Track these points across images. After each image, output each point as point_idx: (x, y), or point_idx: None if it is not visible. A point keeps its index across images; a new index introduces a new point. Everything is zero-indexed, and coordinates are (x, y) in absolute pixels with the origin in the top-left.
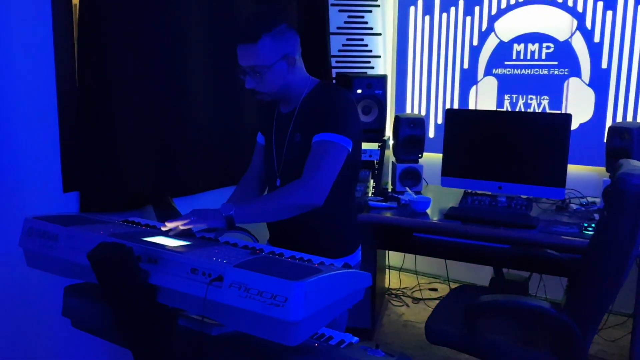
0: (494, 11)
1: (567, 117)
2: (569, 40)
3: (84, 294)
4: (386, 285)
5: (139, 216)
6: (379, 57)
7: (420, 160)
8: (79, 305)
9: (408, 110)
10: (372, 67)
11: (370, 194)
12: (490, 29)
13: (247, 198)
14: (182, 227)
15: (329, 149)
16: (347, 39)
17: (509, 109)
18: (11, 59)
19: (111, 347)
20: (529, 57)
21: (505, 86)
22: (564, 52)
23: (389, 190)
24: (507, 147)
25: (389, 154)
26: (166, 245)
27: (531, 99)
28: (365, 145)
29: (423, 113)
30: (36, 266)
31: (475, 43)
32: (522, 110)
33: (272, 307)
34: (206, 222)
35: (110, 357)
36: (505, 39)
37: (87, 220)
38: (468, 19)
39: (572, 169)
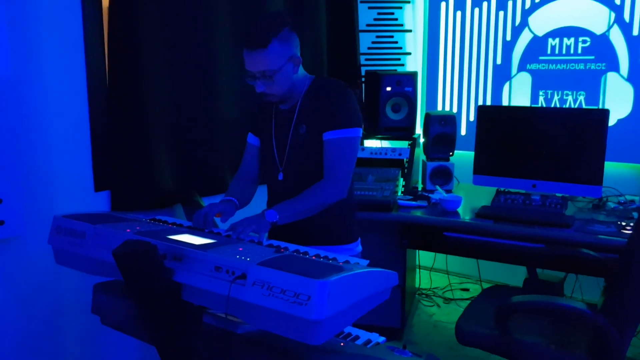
0: (527, 5)
1: (605, 113)
2: (606, 33)
3: (113, 291)
4: (417, 285)
5: (168, 215)
6: (409, 54)
7: (451, 158)
8: (108, 302)
9: (439, 108)
10: (402, 65)
11: (399, 193)
12: (524, 23)
13: (244, 201)
14: (241, 237)
15: (344, 144)
16: (377, 36)
17: (544, 106)
18: (42, 60)
19: (140, 344)
20: (564, 51)
21: (540, 82)
22: (601, 46)
23: (419, 189)
24: (541, 144)
25: (419, 152)
26: (191, 243)
27: (567, 94)
28: (394, 144)
29: (455, 110)
30: (65, 263)
31: (508, 38)
32: (558, 106)
33: (295, 305)
34: (260, 230)
35: (139, 355)
36: (540, 33)
37: (115, 218)
38: (501, 13)
39: (610, 166)
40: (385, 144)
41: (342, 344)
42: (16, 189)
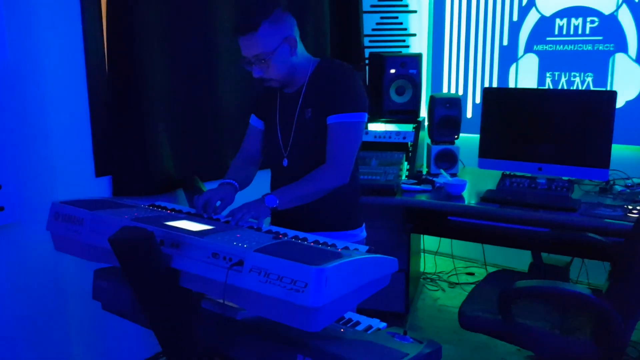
0: None
1: (612, 95)
2: (615, 13)
3: (113, 277)
4: (421, 269)
5: (169, 200)
6: (414, 35)
7: (456, 141)
8: (108, 288)
9: (445, 90)
10: (407, 46)
11: (403, 177)
12: (531, 3)
13: (244, 183)
14: (240, 223)
15: (348, 129)
16: (381, 17)
17: (551, 87)
18: (41, 46)
19: (142, 329)
20: (572, 32)
21: (547, 63)
22: (609, 27)
23: (424, 173)
24: (548, 126)
25: (424, 135)
26: (188, 230)
27: (574, 76)
28: (399, 127)
29: (460, 92)
30: (64, 250)
31: (515, 18)
32: (565, 88)
33: (292, 292)
34: (259, 216)
35: (141, 340)
36: (547, 13)
37: (114, 204)
38: None
39: (617, 149)
40: (389, 127)
41: (342, 329)
42: (16, 175)
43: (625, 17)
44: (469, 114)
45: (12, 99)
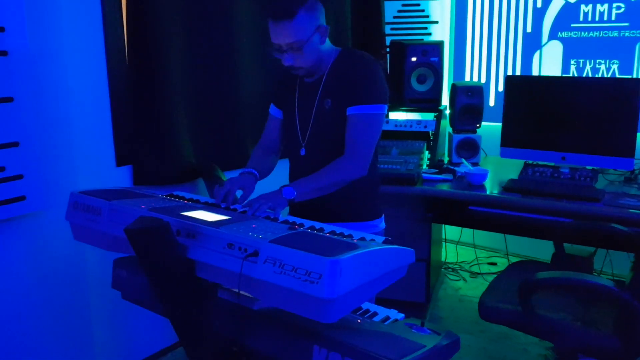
0: None
1: (639, 83)
2: None
3: (132, 266)
4: (442, 259)
5: (189, 189)
6: (437, 22)
7: (478, 130)
8: (128, 277)
9: (467, 78)
10: (429, 34)
11: (424, 166)
12: None
13: (264, 172)
14: (257, 214)
15: (368, 121)
16: (403, 5)
17: (575, 75)
18: (61, 36)
19: (162, 318)
20: (597, 18)
21: (572, 50)
22: (636, 12)
23: (445, 162)
24: (572, 115)
25: (445, 124)
26: (204, 220)
27: (599, 63)
28: (420, 116)
29: (483, 81)
30: (82, 239)
31: (539, 5)
32: (590, 76)
33: (307, 283)
34: (276, 207)
35: (162, 329)
36: None
37: (131, 194)
38: None
39: None
40: (410, 115)
41: (359, 320)
42: (38, 165)
43: None
44: (491, 102)
45: (33, 90)
